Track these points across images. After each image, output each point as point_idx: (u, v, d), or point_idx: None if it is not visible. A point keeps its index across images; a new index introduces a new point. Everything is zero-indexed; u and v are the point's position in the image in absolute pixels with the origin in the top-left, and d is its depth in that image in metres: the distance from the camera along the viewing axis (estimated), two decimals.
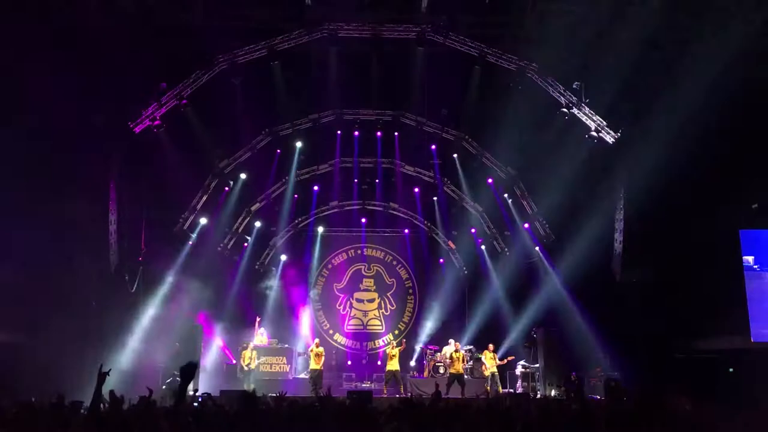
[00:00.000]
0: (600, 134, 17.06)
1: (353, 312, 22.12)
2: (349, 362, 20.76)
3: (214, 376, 17.73)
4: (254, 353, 17.18)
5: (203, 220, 18.96)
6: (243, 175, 19.39)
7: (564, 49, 16.81)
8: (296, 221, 21.95)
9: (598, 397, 15.06)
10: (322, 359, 16.77)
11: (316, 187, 21.28)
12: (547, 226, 19.54)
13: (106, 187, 16.43)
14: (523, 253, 20.02)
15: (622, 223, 17.35)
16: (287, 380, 17.45)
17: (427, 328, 21.23)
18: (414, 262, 22.41)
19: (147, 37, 16.08)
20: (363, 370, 20.35)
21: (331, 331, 21.91)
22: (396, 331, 21.92)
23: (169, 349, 16.86)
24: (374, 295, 22.30)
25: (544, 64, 17.20)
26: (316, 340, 17.67)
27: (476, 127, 19.44)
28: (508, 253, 20.72)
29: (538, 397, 16.15)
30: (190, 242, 18.67)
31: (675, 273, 16.87)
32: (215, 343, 18.52)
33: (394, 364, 16.78)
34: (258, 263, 21.50)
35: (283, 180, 20.67)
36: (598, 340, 17.27)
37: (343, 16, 16.91)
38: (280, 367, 18.06)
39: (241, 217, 20.65)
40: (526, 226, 19.82)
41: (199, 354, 16.90)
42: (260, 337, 18.46)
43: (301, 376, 18.23)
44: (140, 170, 16.99)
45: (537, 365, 17.89)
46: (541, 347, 17.78)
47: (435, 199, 21.49)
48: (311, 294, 21.29)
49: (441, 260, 22.21)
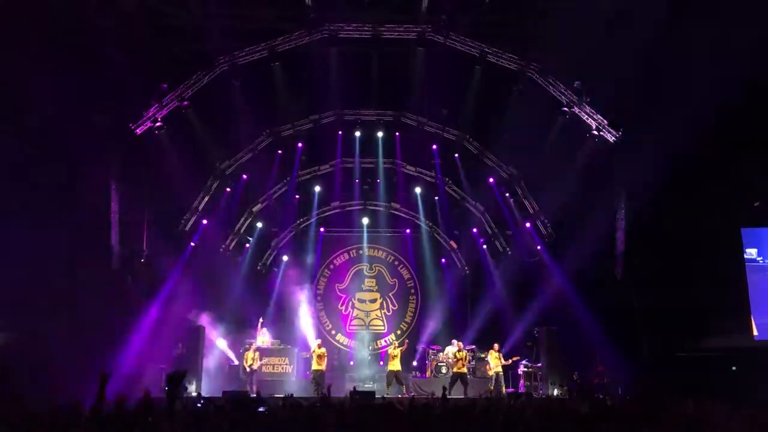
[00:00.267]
0: (601, 133, 17.03)
1: (355, 312, 22.11)
2: (352, 362, 20.74)
3: (216, 378, 17.73)
4: (257, 354, 17.18)
5: (205, 221, 18.95)
6: (244, 176, 19.40)
7: (564, 48, 16.80)
8: (298, 222, 21.95)
9: (601, 396, 15.03)
10: (324, 360, 16.77)
11: (317, 188, 21.29)
12: (549, 225, 19.52)
13: (108, 188, 16.44)
14: (525, 253, 20.00)
15: (624, 222, 17.32)
16: (290, 381, 17.46)
17: (429, 328, 21.21)
18: (416, 262, 22.39)
19: (148, 38, 16.11)
20: (365, 371, 20.29)
21: (333, 332, 21.91)
22: (398, 331, 21.91)
23: (171, 351, 16.89)
24: (376, 296, 22.29)
25: (545, 64, 17.18)
26: (318, 341, 17.66)
27: (477, 127, 19.45)
28: (509, 252, 20.70)
29: (540, 396, 16.16)
30: (192, 243, 18.68)
31: (677, 271, 16.85)
32: (217, 344, 18.51)
33: (395, 365, 16.78)
34: (260, 264, 21.51)
35: (285, 181, 20.67)
36: (600, 339, 17.25)
37: (344, 17, 16.91)
38: (283, 368, 18.07)
39: (243, 217, 20.67)
40: (528, 225, 19.80)
41: (201, 355, 16.91)
42: (263, 337, 18.45)
43: (304, 377, 18.22)
44: (141, 172, 17.01)
45: (539, 364, 17.87)
46: (544, 346, 17.77)
47: (436, 198, 21.48)
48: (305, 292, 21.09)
49: (443, 260, 22.19)
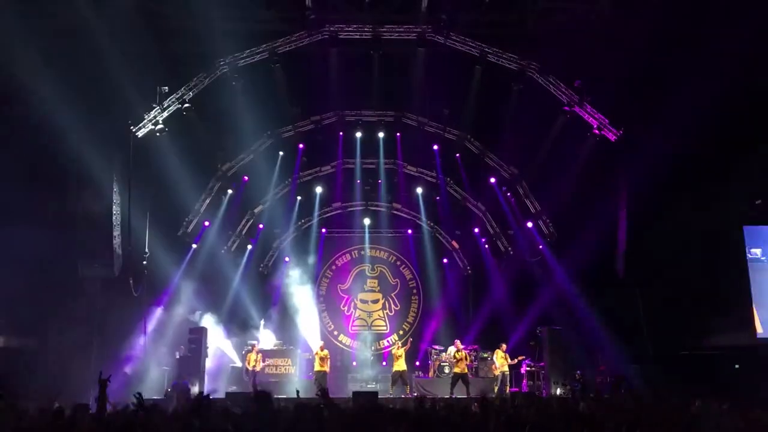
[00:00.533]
0: (602, 132, 17.02)
1: (357, 313, 22.12)
2: (354, 363, 20.75)
3: (219, 379, 17.75)
4: (259, 355, 17.20)
5: (206, 223, 18.98)
6: (246, 178, 19.41)
7: (565, 47, 16.80)
8: (299, 223, 21.97)
9: (603, 395, 15.02)
10: (327, 362, 16.77)
11: (318, 189, 21.30)
12: (551, 225, 19.51)
13: (110, 191, 16.47)
14: (527, 252, 19.99)
15: (625, 221, 17.31)
16: (292, 382, 17.46)
17: (432, 328, 21.22)
18: (418, 263, 22.39)
19: (148, 40, 16.12)
20: (368, 371, 20.30)
21: (336, 332, 21.92)
22: (401, 332, 21.91)
23: (173, 352, 16.92)
24: (378, 296, 22.30)
25: (545, 63, 17.18)
26: (321, 343, 17.67)
27: (478, 127, 19.43)
28: (511, 252, 20.70)
29: (543, 395, 16.15)
30: (194, 245, 18.70)
31: (679, 270, 16.84)
32: (219, 346, 18.52)
33: (400, 365, 16.78)
34: (262, 265, 21.53)
35: (286, 182, 20.69)
36: (602, 338, 17.25)
37: (344, 18, 16.92)
38: (286, 369, 18.09)
39: (245, 219, 20.68)
40: (530, 224, 19.79)
41: (204, 357, 16.92)
42: (265, 338, 18.46)
43: (306, 378, 18.23)
44: (143, 174, 17.01)
45: (542, 364, 17.86)
46: (546, 346, 17.75)
47: (438, 198, 21.48)
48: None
49: (445, 260, 22.19)
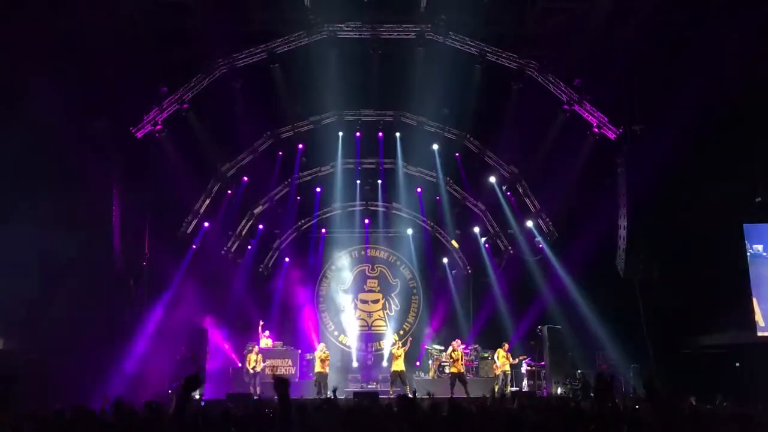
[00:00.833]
0: (602, 130, 17.02)
1: (358, 313, 22.10)
2: (355, 363, 20.75)
3: (220, 380, 17.74)
4: (259, 356, 17.19)
5: (206, 224, 18.97)
6: (245, 178, 19.41)
7: (564, 46, 16.80)
8: (299, 223, 21.95)
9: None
10: (327, 363, 16.75)
11: (318, 189, 21.28)
12: (551, 224, 19.50)
13: (109, 192, 16.47)
14: (527, 251, 19.99)
15: (626, 219, 17.32)
16: (293, 382, 17.43)
17: (432, 327, 21.20)
18: (418, 262, 22.38)
19: (147, 41, 16.12)
20: (368, 371, 20.33)
21: (336, 333, 21.90)
22: (401, 332, 21.89)
23: (174, 353, 16.90)
24: (378, 296, 22.28)
25: (545, 62, 17.18)
26: (322, 345, 17.65)
27: (478, 126, 19.43)
28: (511, 251, 20.69)
29: (544, 395, 16.16)
30: (194, 246, 18.69)
31: (679, 268, 16.84)
32: (220, 347, 18.52)
33: (399, 365, 16.78)
34: (262, 266, 21.51)
35: (286, 182, 20.68)
36: (603, 337, 17.25)
37: (343, 18, 16.91)
38: (286, 370, 18.07)
39: (244, 220, 20.67)
40: (530, 223, 19.79)
41: (205, 358, 16.92)
42: (265, 339, 18.47)
43: (307, 379, 18.23)
44: (143, 175, 17.01)
45: (543, 363, 17.87)
46: (547, 345, 17.77)
47: (438, 198, 21.47)
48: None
49: (445, 260, 22.18)
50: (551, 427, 6.06)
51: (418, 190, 21.46)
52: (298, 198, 21.13)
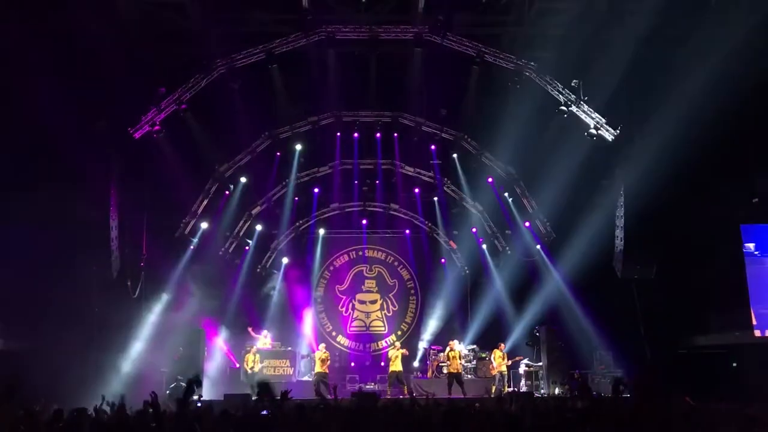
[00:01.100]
0: (599, 132, 17.06)
1: (356, 314, 22.12)
2: (353, 364, 20.76)
3: (217, 381, 17.74)
4: (257, 357, 17.19)
5: (204, 225, 18.98)
6: (243, 179, 19.42)
7: (562, 47, 16.83)
8: (297, 224, 21.96)
9: (602, 394, 15.06)
10: (326, 364, 16.76)
11: (316, 190, 21.29)
12: (548, 224, 19.55)
13: (107, 192, 16.45)
14: (525, 252, 20.03)
15: (623, 220, 17.36)
16: (291, 383, 17.46)
17: (430, 328, 21.24)
18: (415, 263, 22.41)
19: (146, 42, 16.12)
20: (366, 372, 20.34)
21: (334, 333, 21.91)
22: (399, 332, 21.92)
23: (172, 354, 16.90)
24: (376, 297, 22.30)
25: (542, 63, 17.22)
26: (322, 345, 17.66)
27: (475, 127, 19.47)
28: (509, 251, 20.73)
29: (542, 395, 16.18)
30: (192, 247, 18.69)
31: (676, 269, 16.89)
32: (218, 347, 18.53)
33: (397, 365, 16.80)
34: (259, 267, 21.51)
35: (284, 183, 20.68)
36: (600, 338, 17.29)
37: (341, 18, 16.93)
38: (284, 370, 18.09)
39: (242, 220, 20.67)
40: (527, 224, 19.83)
41: (203, 358, 16.92)
42: (264, 340, 18.47)
43: (305, 379, 18.24)
44: (141, 175, 17.01)
45: (540, 363, 17.90)
46: (544, 345, 17.80)
47: (435, 199, 21.50)
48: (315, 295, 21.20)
49: (442, 260, 22.21)
50: (548, 428, 6.09)
51: (416, 190, 21.50)
52: (296, 198, 21.14)
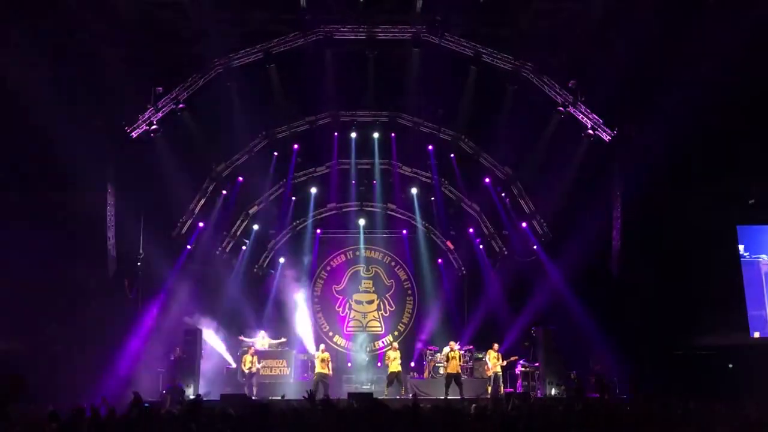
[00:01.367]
0: (596, 132, 17.09)
1: (352, 314, 22.07)
2: (349, 364, 20.73)
3: (214, 381, 17.69)
4: (255, 357, 17.14)
5: (201, 224, 18.93)
6: (240, 178, 19.39)
7: (559, 47, 16.85)
8: (294, 223, 21.91)
9: (597, 395, 15.09)
10: (326, 364, 16.72)
11: (313, 189, 21.27)
12: (545, 225, 19.56)
13: (103, 192, 16.42)
14: (522, 252, 20.03)
15: (620, 221, 17.39)
16: (288, 384, 17.44)
17: (427, 328, 21.21)
18: (412, 263, 22.36)
19: (143, 41, 16.09)
20: (363, 372, 20.30)
21: (331, 333, 21.87)
22: (395, 332, 21.89)
23: (168, 354, 16.87)
24: (373, 297, 22.26)
25: (540, 64, 17.23)
26: (322, 346, 17.63)
27: (473, 127, 19.47)
28: (506, 252, 20.73)
29: (538, 396, 16.19)
30: (188, 246, 18.65)
31: (673, 270, 16.92)
32: (214, 347, 18.47)
33: (395, 366, 16.78)
34: (256, 266, 21.47)
35: (281, 182, 20.66)
36: (597, 338, 17.30)
37: (338, 18, 16.92)
38: (281, 371, 18.04)
39: (239, 220, 20.63)
40: (524, 225, 19.83)
41: (199, 359, 16.89)
42: (261, 341, 18.43)
43: (302, 379, 18.21)
44: (137, 175, 16.98)
45: (537, 364, 17.90)
46: (541, 346, 17.78)
47: (432, 199, 21.48)
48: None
49: (439, 261, 22.18)
50: (545, 428, 6.09)
51: (414, 191, 21.49)
52: (293, 198, 21.11)
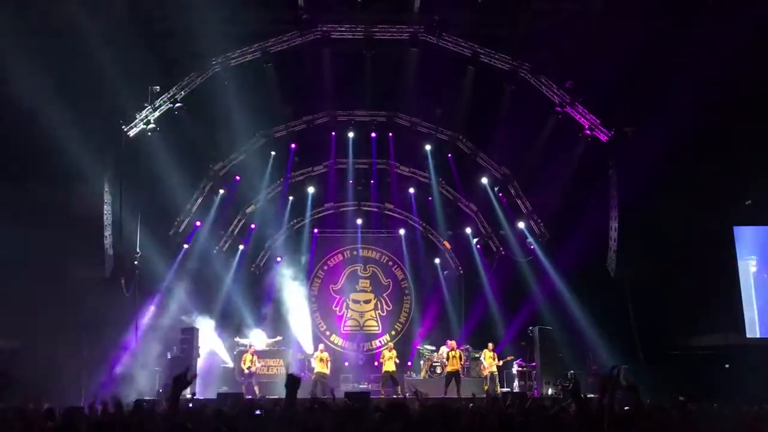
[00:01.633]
0: (593, 132, 17.11)
1: (349, 313, 22.07)
2: (346, 363, 20.74)
3: (211, 380, 17.69)
4: (255, 357, 17.15)
5: (198, 223, 18.91)
6: (237, 178, 19.38)
7: (557, 48, 16.86)
8: (291, 223, 21.91)
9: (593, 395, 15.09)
10: (326, 364, 16.72)
11: (311, 189, 21.26)
12: (542, 225, 19.58)
13: (101, 190, 16.40)
14: (519, 252, 20.05)
15: (617, 221, 17.42)
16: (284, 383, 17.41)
17: (424, 328, 21.22)
18: (410, 263, 22.37)
19: (140, 40, 16.06)
20: (360, 371, 20.33)
21: (328, 333, 21.87)
22: (392, 332, 21.90)
23: (165, 353, 16.86)
24: (370, 296, 22.27)
25: (537, 64, 17.24)
26: (321, 346, 17.63)
27: (470, 127, 19.49)
28: (503, 252, 20.74)
29: (535, 395, 16.19)
30: (185, 245, 18.64)
31: (670, 270, 16.94)
32: (211, 346, 18.46)
33: (390, 365, 16.80)
34: (254, 265, 21.46)
35: (278, 182, 20.65)
36: (594, 338, 17.31)
37: (336, 18, 16.92)
38: (278, 370, 18.04)
39: (236, 219, 20.62)
40: (521, 224, 19.85)
41: (196, 357, 16.88)
42: (259, 340, 18.43)
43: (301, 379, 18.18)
44: (134, 174, 16.96)
45: (534, 364, 17.91)
46: (538, 345, 17.80)
47: (430, 199, 21.49)
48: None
49: (437, 260, 22.21)
50: (542, 428, 6.08)
51: (411, 190, 21.50)
52: (291, 197, 21.12)
